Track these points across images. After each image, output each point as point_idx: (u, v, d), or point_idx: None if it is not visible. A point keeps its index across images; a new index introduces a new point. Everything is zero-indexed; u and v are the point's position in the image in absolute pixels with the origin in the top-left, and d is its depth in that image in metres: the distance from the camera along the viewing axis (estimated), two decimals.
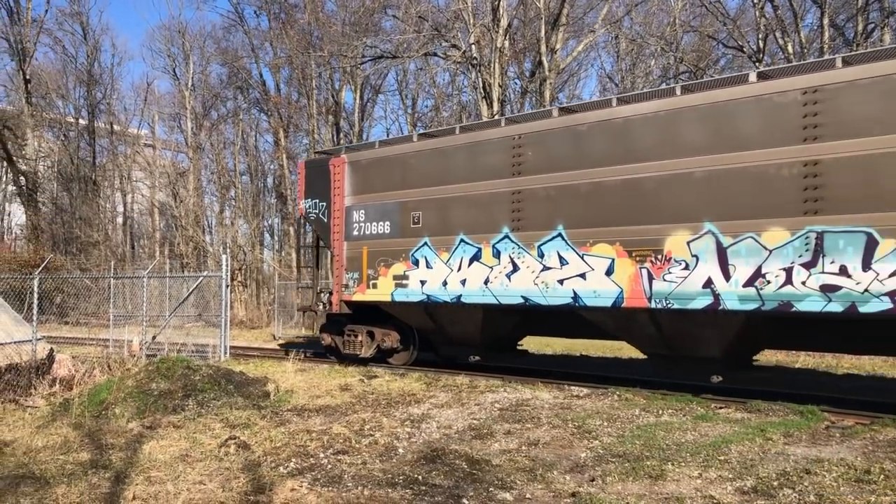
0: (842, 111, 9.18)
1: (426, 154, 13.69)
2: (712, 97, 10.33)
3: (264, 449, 8.05)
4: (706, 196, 10.22)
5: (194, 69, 40.85)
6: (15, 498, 6.33)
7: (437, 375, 13.44)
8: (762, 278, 9.71)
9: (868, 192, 8.94)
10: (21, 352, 11.84)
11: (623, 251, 11.01)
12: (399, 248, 13.92)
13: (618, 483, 6.70)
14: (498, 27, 26.65)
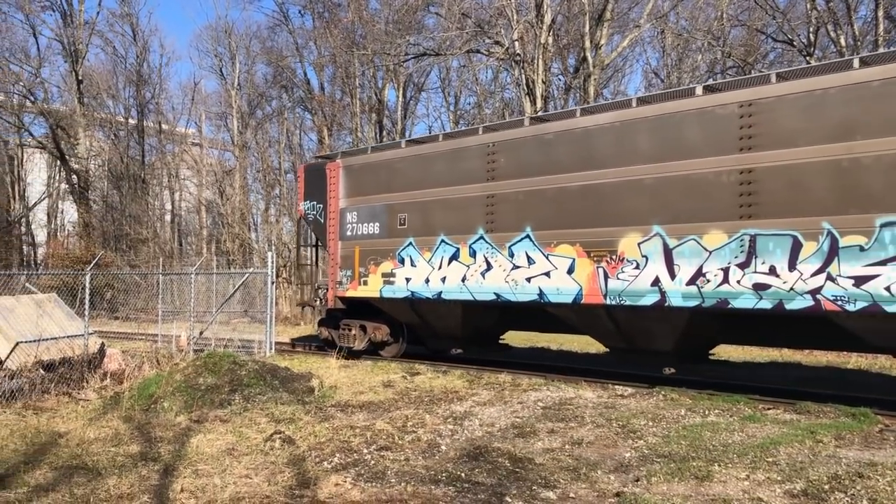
0: (773, 123, 9.91)
1: (411, 160, 14.52)
2: (662, 109, 11.03)
3: (309, 444, 8.13)
4: (655, 201, 10.95)
5: (240, 69, 41.44)
6: (69, 488, 6.49)
7: (479, 373, 13.44)
8: (703, 277, 10.43)
9: (794, 198, 9.68)
10: (74, 346, 12.15)
11: (583, 251, 11.75)
12: (387, 247, 14.74)
13: (663, 483, 6.61)
14: (541, 23, 26.47)
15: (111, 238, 40.11)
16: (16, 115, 40.85)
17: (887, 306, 8.88)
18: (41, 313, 12.34)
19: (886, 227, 8.93)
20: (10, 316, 11.81)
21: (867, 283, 9.08)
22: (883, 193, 8.98)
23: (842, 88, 9.42)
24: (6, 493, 6.36)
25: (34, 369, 11.14)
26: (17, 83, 39.58)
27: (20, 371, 11.01)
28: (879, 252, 8.99)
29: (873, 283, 9.02)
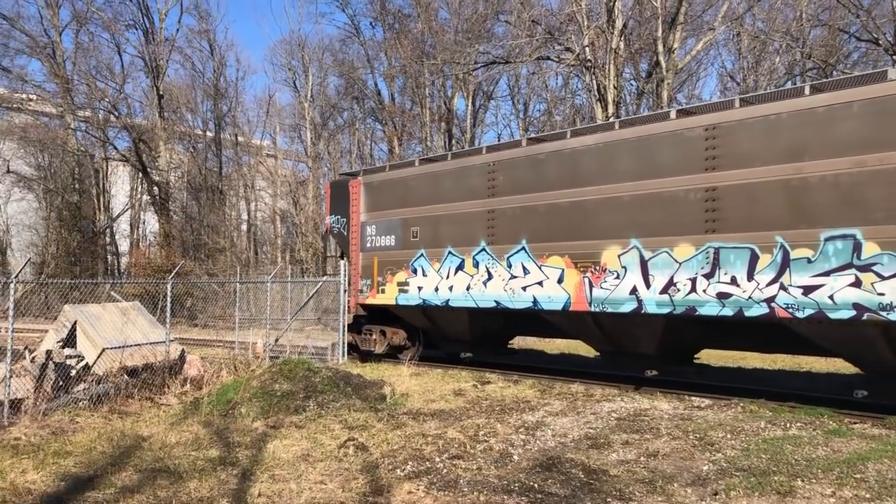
0: (733, 146, 10.81)
1: (423, 177, 15.65)
2: (640, 132, 11.99)
3: (382, 451, 8.20)
4: (633, 216, 11.89)
5: (313, 81, 42.22)
6: (153, 490, 6.71)
7: (551, 383, 13.33)
8: (674, 286, 11.33)
9: (751, 214, 10.55)
10: (156, 352, 12.54)
11: (571, 262, 12.74)
12: (402, 258, 15.84)
13: (742, 498, 6.43)
14: (613, 28, 26.17)
15: (190, 247, 41.35)
16: (101, 130, 42.57)
17: (830, 313, 9.71)
18: (125, 321, 12.79)
19: (829, 240, 9.80)
20: (97, 323, 12.28)
21: (814, 293, 9.92)
22: (827, 210, 9.85)
23: (792, 114, 10.26)
24: (95, 494, 6.61)
25: (119, 374, 11.55)
26: (103, 99, 41.25)
27: (106, 376, 11.43)
28: (824, 264, 9.85)
29: (819, 292, 9.86)
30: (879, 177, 9.43)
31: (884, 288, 9.31)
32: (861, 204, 9.58)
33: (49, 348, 11.41)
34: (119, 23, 42.34)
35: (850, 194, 9.67)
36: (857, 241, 9.59)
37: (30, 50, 41.19)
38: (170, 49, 42.65)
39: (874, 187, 9.47)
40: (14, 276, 10.34)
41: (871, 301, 9.40)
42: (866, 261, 9.50)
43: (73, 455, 7.94)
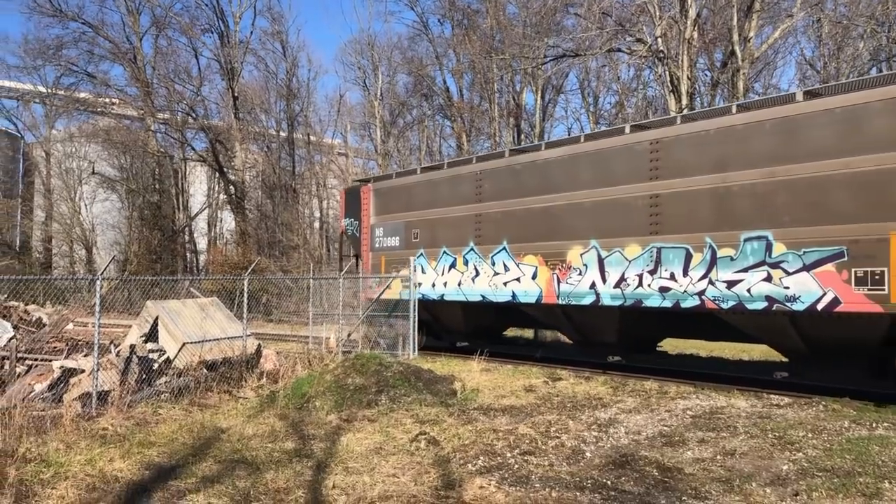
0: (672, 158, 12.34)
1: (423, 184, 17.43)
2: (599, 145, 13.65)
3: (453, 446, 8.24)
4: (593, 220, 13.52)
5: (382, 79, 42.59)
6: (232, 480, 6.90)
7: (623, 380, 13.16)
8: (624, 282, 12.91)
9: (686, 218, 12.07)
10: (233, 347, 12.89)
11: (543, 261, 14.37)
12: (405, 257, 17.58)
13: (825, 499, 6.22)
14: (686, 18, 25.57)
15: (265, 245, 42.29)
16: (179, 132, 43.93)
17: (748, 304, 11.23)
18: (204, 316, 13.19)
19: (748, 241, 11.27)
20: (178, 318, 12.70)
21: (735, 286, 11.39)
22: (745, 215, 11.31)
23: (718, 130, 11.76)
24: (178, 483, 6.85)
25: (198, 368, 11.91)
26: (181, 102, 42.57)
27: (186, 369, 11.81)
28: (743, 261, 11.31)
29: (739, 286, 11.35)
30: (786, 186, 10.89)
31: (789, 282, 10.77)
32: (771, 209, 11.02)
33: (133, 343, 11.87)
34: (195, 27, 43.65)
35: (763, 201, 11.14)
36: (769, 241, 11.03)
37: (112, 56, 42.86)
38: (244, 51, 43.71)
39: (782, 195, 10.94)
40: (100, 274, 10.78)
41: (780, 294, 10.85)
42: (776, 259, 10.96)
43: (156, 445, 8.23)
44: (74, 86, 44.07)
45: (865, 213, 10.05)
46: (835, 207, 10.35)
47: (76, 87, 44.09)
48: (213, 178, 47.43)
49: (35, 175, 47.31)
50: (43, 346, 12.61)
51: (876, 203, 9.94)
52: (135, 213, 45.25)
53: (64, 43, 42.49)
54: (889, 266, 9.80)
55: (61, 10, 41.24)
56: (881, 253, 9.87)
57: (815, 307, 10.47)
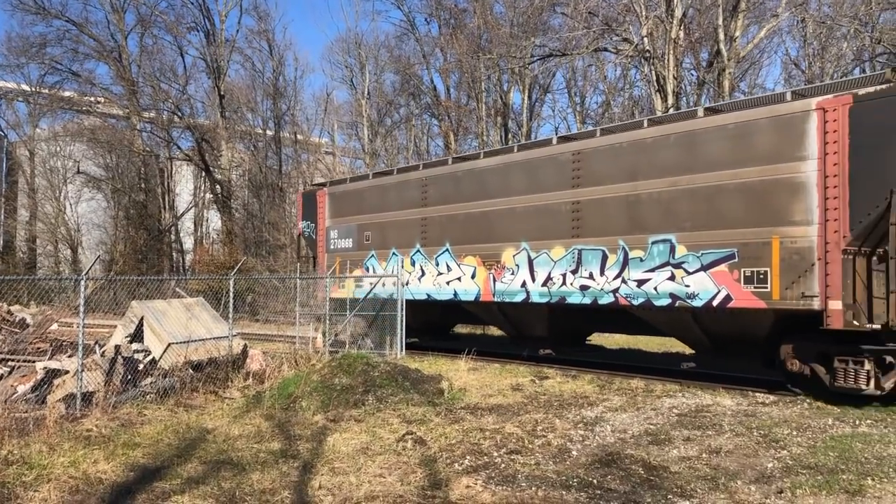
0: (591, 168, 13.43)
1: (374, 189, 18.42)
2: (529, 155, 14.73)
3: (440, 445, 8.23)
4: (523, 224, 14.57)
5: (369, 78, 42.54)
6: (217, 481, 6.87)
7: (610, 378, 13.21)
8: (551, 280, 13.99)
9: (603, 223, 13.17)
10: (219, 347, 12.82)
11: (481, 261, 15.47)
12: (357, 258, 18.61)
13: (809, 497, 6.26)
14: (672, 17, 25.67)
15: (252, 244, 42.16)
16: (165, 131, 43.69)
17: (655, 301, 12.34)
18: (190, 316, 13.11)
19: (655, 244, 12.33)
20: (163, 318, 12.62)
21: (644, 285, 12.49)
22: (653, 220, 12.38)
23: (630, 143, 12.81)
24: (163, 484, 6.81)
25: (184, 369, 11.84)
26: (167, 100, 42.34)
27: (172, 370, 11.74)
28: (651, 262, 12.40)
29: (647, 284, 12.43)
30: (687, 194, 11.93)
31: (689, 281, 11.84)
32: (675, 215, 12.08)
33: (118, 343, 11.79)
34: (181, 25, 43.43)
35: (668, 208, 12.18)
36: (673, 244, 12.11)
37: (97, 54, 42.56)
38: (230, 50, 43.53)
39: (684, 202, 11.98)
40: (84, 273, 10.70)
41: (682, 291, 11.94)
42: (678, 260, 12.03)
43: (141, 446, 8.18)
44: (59, 84, 43.76)
45: (753, 219, 11.11)
46: (728, 214, 11.41)
47: (60, 86, 43.77)
48: (199, 177, 47.21)
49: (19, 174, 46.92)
50: (26, 346, 12.50)
51: (761, 210, 11.01)
52: (120, 212, 44.96)
53: (48, 41, 42.19)
54: (772, 266, 10.88)
55: (45, 8, 40.96)
56: (765, 255, 10.96)
57: (712, 304, 11.56)
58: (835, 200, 10.22)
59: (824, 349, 10.62)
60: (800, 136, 10.62)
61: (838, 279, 10.13)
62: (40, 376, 10.49)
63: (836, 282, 10.16)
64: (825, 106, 10.38)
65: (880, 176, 9.83)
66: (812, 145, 10.50)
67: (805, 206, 10.54)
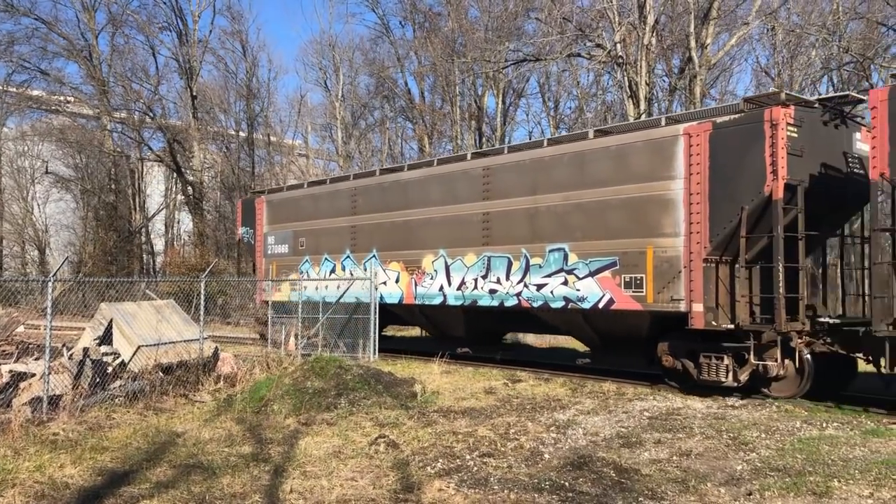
0: (499, 182, 14.70)
1: (308, 197, 19.59)
2: (446, 169, 16.02)
3: (412, 448, 8.22)
4: (440, 232, 15.80)
5: (344, 81, 42.39)
6: (187, 485, 6.79)
7: (582, 381, 13.29)
8: (464, 285, 15.25)
9: (508, 232, 14.43)
10: (189, 350, 12.70)
11: (404, 266, 16.65)
12: (293, 263, 19.73)
13: (777, 498, 6.34)
14: (644, 24, 25.90)
15: (223, 246, 41.74)
16: (136, 131, 43.17)
17: (552, 303, 13.66)
18: (160, 318, 12.97)
19: (551, 252, 13.65)
20: (133, 321, 12.47)
21: (542, 289, 13.80)
22: (549, 230, 13.70)
23: (531, 160, 14.14)
24: (131, 489, 6.72)
25: (154, 372, 11.70)
26: (138, 101, 41.82)
27: (141, 373, 11.60)
28: (547, 269, 13.72)
29: (545, 288, 13.75)
30: (578, 208, 13.25)
31: (580, 286, 13.18)
32: (568, 226, 13.39)
33: (86, 346, 11.62)
34: (153, 25, 42.95)
35: (562, 220, 13.48)
36: (566, 252, 13.41)
37: (67, 53, 41.91)
38: (203, 50, 43.15)
39: (575, 215, 13.29)
40: (52, 275, 10.54)
41: (573, 295, 13.26)
42: (570, 267, 13.34)
43: (109, 450, 8.07)
44: (27, 83, 42.98)
45: (631, 231, 12.44)
46: (611, 226, 12.75)
47: (29, 85, 43.00)
48: (170, 178, 46.73)
49: None
50: None
51: (638, 223, 12.34)
52: (90, 213, 44.33)
53: (16, 39, 41.37)
54: (647, 273, 12.23)
55: (13, 6, 40.21)
56: (642, 262, 12.30)
57: (598, 306, 12.92)
58: (697, 215, 11.58)
59: (692, 347, 11.89)
60: (670, 158, 11.93)
61: (700, 285, 11.49)
62: (6, 379, 10.30)
63: (698, 287, 11.52)
64: (690, 132, 11.69)
65: (734, 194, 11.16)
66: (680, 166, 11.82)
67: (673, 219, 11.87)
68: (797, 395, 11.21)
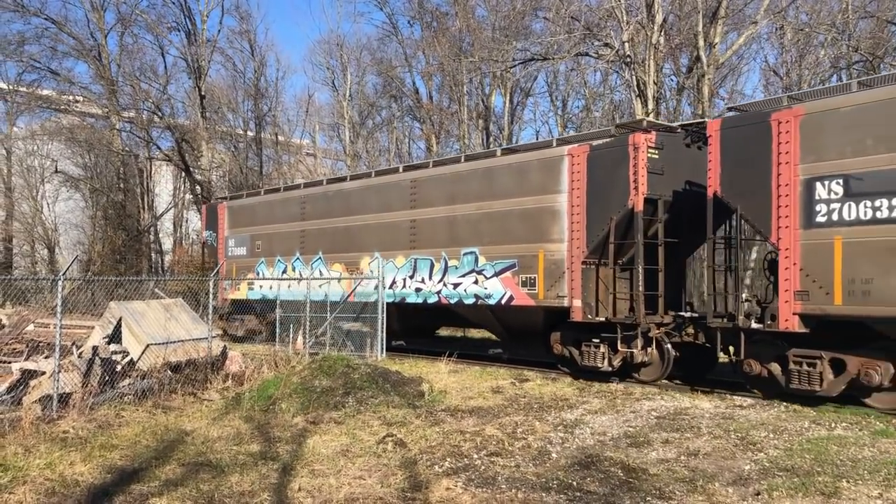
0: (424, 193, 16.54)
1: (264, 204, 21.69)
2: (382, 180, 18.00)
3: (420, 447, 8.24)
4: (376, 237, 17.64)
5: (351, 80, 42.39)
6: (196, 484, 6.83)
7: (589, 381, 13.28)
8: (395, 284, 17.01)
9: (432, 237, 16.25)
10: (198, 348, 12.75)
11: (345, 268, 18.48)
12: (250, 264, 21.72)
13: (786, 498, 6.33)
14: (653, 23, 25.82)
15: None
16: (145, 130, 43.21)
17: (465, 300, 15.45)
18: (169, 317, 13.02)
19: (465, 255, 15.45)
20: (142, 320, 12.52)
21: (458, 287, 15.59)
22: (464, 236, 15.53)
23: (450, 174, 16.05)
24: (140, 486, 6.76)
25: (163, 370, 11.76)
26: (147, 100, 41.88)
27: (150, 371, 11.65)
28: (462, 270, 15.54)
29: (460, 287, 15.55)
30: (487, 216, 15.10)
31: (487, 284, 14.99)
32: (478, 232, 15.23)
33: (95, 344, 11.67)
34: (162, 25, 42.95)
35: (475, 227, 15.32)
36: (477, 255, 15.20)
37: (77, 53, 42.01)
38: (211, 50, 43.16)
39: (484, 223, 15.14)
40: (62, 274, 10.60)
41: (482, 293, 15.06)
42: (480, 268, 15.15)
43: (118, 448, 8.12)
44: (37, 82, 43.09)
45: (527, 237, 14.26)
46: (512, 232, 14.55)
47: (39, 84, 43.10)
48: (179, 177, 46.78)
49: None
50: (2, 347, 12.35)
51: (533, 230, 14.17)
52: (99, 212, 44.42)
53: (26, 39, 41.45)
54: (538, 273, 14.05)
55: (23, 6, 40.31)
56: (535, 264, 14.12)
57: (501, 302, 14.72)
58: (577, 224, 13.46)
59: (577, 337, 13.73)
60: (557, 175, 13.83)
61: (579, 283, 13.37)
62: (16, 377, 10.37)
63: (577, 285, 13.40)
64: (573, 153, 13.59)
65: (605, 207, 13.03)
66: (564, 182, 13.72)
67: (560, 227, 13.77)
68: (660, 379, 12.99)
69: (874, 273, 9.64)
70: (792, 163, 10.52)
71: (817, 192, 10.24)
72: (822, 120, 10.26)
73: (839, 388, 10.28)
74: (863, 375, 9.99)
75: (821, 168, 10.25)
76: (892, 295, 9.46)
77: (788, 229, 10.54)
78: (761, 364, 11.12)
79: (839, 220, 10.01)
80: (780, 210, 10.63)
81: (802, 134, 10.44)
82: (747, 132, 11.11)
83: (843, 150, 10.01)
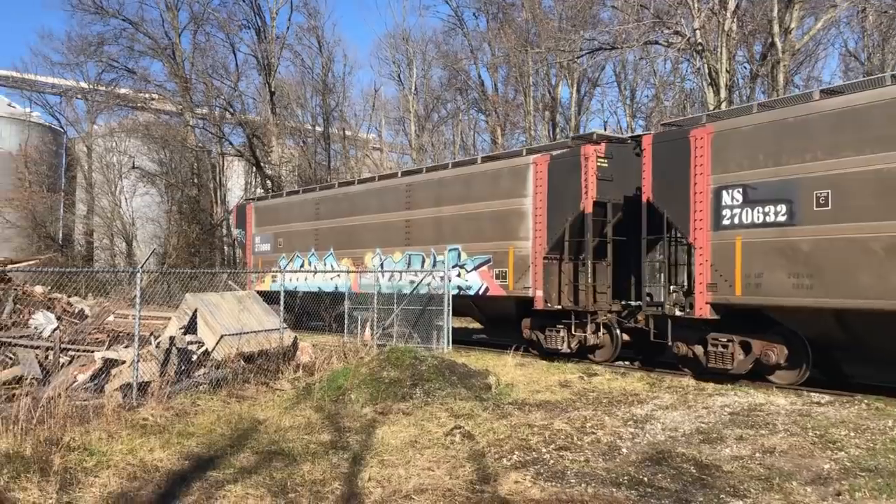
0: (417, 196, 18.62)
1: (285, 205, 24.34)
2: (383, 184, 20.18)
3: (488, 440, 8.24)
4: (377, 235, 19.72)
5: (417, 74, 42.59)
6: (269, 471, 6.98)
7: (660, 376, 13.06)
8: (393, 277, 18.73)
9: (422, 235, 18.24)
10: (270, 339, 13.01)
11: (352, 262, 20.52)
12: (273, 259, 24.05)
13: (868, 499, 6.11)
14: (725, 10, 25.13)
15: None
16: (217, 127, 44.28)
17: (451, 291, 16.62)
18: (242, 308, 13.33)
19: (450, 251, 17.40)
20: (216, 311, 12.85)
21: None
22: (449, 234, 17.50)
23: (438, 180, 18.15)
24: (216, 473, 6.95)
25: (236, 360, 12.04)
26: (219, 97, 42.92)
27: (224, 361, 11.95)
28: (448, 264, 17.14)
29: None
30: (467, 217, 17.13)
31: (468, 277, 16.98)
32: (461, 231, 17.26)
33: (172, 334, 12.03)
34: (233, 23, 43.89)
35: (457, 226, 17.32)
36: (459, 252, 17.24)
37: (152, 52, 43.32)
38: (280, 47, 43.92)
39: (465, 223, 17.18)
40: (140, 267, 10.95)
41: (464, 284, 17.02)
42: (462, 262, 17.17)
43: (195, 436, 8.36)
44: (115, 81, 44.63)
45: (499, 236, 16.24)
46: (487, 232, 16.60)
47: (117, 83, 44.65)
48: (250, 172, 47.75)
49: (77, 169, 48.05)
50: (85, 337, 12.83)
51: (504, 229, 16.16)
52: (174, 206, 45.76)
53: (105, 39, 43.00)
54: (509, 267, 15.99)
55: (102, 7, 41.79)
56: (506, 259, 16.08)
57: (479, 292, 16.78)
58: (540, 224, 15.30)
59: (543, 323, 15.52)
60: (523, 180, 15.71)
61: (541, 276, 15.18)
62: (98, 366, 10.77)
63: (539, 278, 15.22)
64: (537, 161, 15.40)
65: (562, 209, 14.85)
66: (529, 187, 15.59)
67: (525, 227, 15.65)
68: (611, 360, 14.73)
69: (763, 268, 11.37)
70: (705, 174, 12.23)
71: (724, 199, 11.95)
72: (729, 137, 11.92)
73: (747, 367, 12.01)
74: (763, 356, 11.74)
75: (727, 178, 11.94)
76: (776, 287, 11.15)
77: (702, 231, 12.26)
78: (687, 346, 12.83)
79: (739, 223, 11.72)
80: (696, 214, 12.31)
81: (714, 149, 12.11)
82: (672, 146, 12.79)
83: (743, 163, 11.71)
